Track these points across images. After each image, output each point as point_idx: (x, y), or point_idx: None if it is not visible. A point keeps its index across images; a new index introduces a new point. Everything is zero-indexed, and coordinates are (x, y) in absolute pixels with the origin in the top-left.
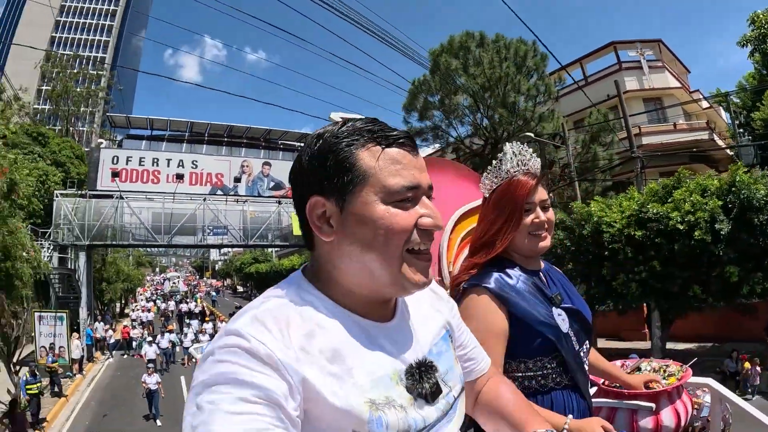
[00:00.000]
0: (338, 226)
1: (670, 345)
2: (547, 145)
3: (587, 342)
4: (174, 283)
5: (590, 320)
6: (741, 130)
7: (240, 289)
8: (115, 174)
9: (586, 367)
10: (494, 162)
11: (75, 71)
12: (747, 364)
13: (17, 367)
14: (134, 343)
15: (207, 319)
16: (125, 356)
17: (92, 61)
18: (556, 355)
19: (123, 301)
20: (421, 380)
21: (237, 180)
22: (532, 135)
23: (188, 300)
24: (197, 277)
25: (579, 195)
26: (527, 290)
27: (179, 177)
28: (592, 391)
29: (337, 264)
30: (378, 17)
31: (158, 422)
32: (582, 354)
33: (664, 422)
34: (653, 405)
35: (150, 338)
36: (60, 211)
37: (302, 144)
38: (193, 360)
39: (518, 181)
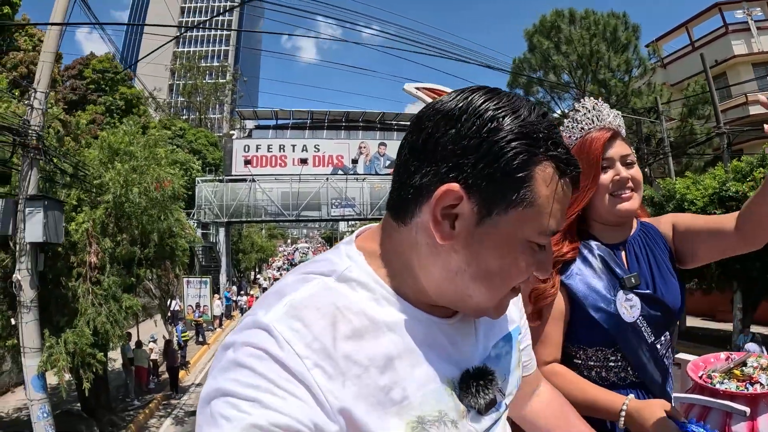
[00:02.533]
0: (462, 234)
1: (760, 329)
2: (642, 120)
3: (668, 333)
4: (303, 253)
5: (676, 308)
6: None
7: None
8: (247, 161)
9: (667, 362)
10: (566, 121)
11: (202, 65)
12: None
13: (170, 319)
14: None
15: None
16: None
17: (216, 55)
18: (619, 348)
19: (257, 270)
20: (478, 394)
21: (354, 162)
22: (619, 113)
23: None
24: (327, 247)
25: (672, 170)
26: (591, 269)
27: (303, 161)
28: (688, 386)
29: (427, 266)
30: None
31: None
32: (659, 347)
33: (761, 430)
34: (748, 409)
35: None
36: (201, 194)
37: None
38: None
39: (591, 137)
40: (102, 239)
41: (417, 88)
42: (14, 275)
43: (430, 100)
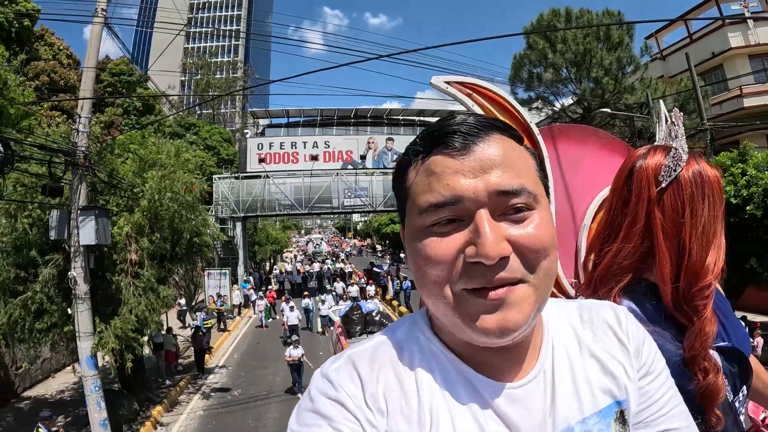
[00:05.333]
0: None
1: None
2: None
3: (745, 387)
4: (317, 244)
5: (749, 357)
6: None
7: (378, 248)
8: (261, 159)
9: (742, 417)
10: (670, 129)
11: (214, 60)
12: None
13: (193, 309)
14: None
15: (353, 281)
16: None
17: (227, 50)
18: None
19: (272, 261)
20: None
21: (362, 157)
22: (608, 110)
23: (334, 260)
24: (341, 237)
25: None
26: (663, 323)
27: (314, 157)
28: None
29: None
30: None
31: None
32: (738, 404)
33: None
34: None
35: (292, 304)
36: (218, 191)
37: (421, 118)
38: (331, 327)
39: (710, 174)
40: (140, 239)
41: (447, 82)
42: (70, 272)
43: (462, 97)
